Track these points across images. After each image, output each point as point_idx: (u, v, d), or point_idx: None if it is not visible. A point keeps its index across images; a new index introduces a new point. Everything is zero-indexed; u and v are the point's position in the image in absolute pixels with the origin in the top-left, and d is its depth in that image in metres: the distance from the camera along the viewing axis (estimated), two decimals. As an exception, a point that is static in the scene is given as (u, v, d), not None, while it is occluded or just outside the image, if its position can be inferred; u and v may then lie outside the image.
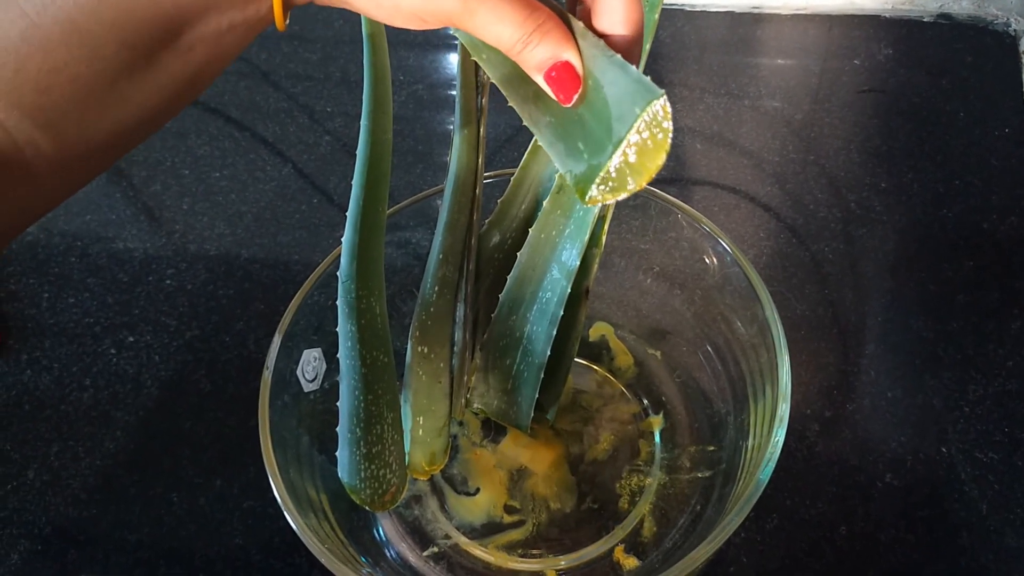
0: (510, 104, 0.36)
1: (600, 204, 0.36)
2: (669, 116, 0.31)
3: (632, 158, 0.32)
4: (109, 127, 0.31)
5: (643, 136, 0.31)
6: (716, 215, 0.70)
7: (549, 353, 0.50)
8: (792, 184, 0.72)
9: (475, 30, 0.31)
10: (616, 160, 0.32)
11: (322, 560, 0.40)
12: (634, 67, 0.31)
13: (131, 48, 0.29)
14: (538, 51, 0.31)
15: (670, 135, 0.31)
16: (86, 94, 0.29)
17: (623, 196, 0.33)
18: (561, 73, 0.31)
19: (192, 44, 0.31)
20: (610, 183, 0.33)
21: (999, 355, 0.59)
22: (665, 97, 0.30)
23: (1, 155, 0.29)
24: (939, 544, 0.50)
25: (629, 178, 0.32)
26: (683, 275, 0.55)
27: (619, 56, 0.31)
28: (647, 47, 0.43)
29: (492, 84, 0.51)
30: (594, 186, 0.33)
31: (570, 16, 0.33)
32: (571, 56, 0.31)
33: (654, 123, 0.31)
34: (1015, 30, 0.84)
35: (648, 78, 0.31)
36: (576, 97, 0.32)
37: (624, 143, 0.31)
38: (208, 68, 0.32)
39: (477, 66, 0.50)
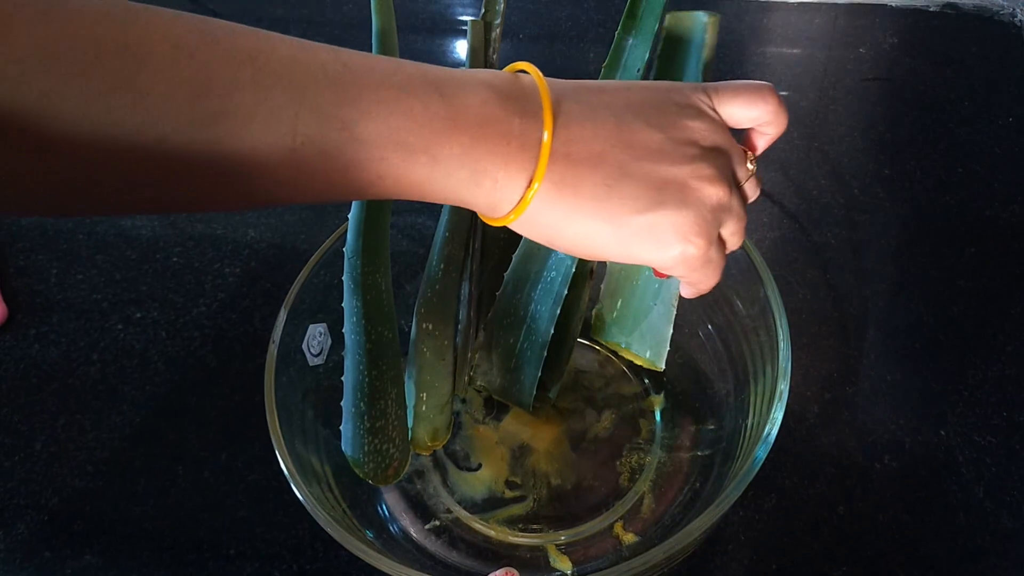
0: None
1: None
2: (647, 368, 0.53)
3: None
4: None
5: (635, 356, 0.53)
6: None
7: (552, 332, 0.50)
8: (796, 171, 0.73)
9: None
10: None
11: (328, 529, 0.41)
12: (671, 328, 0.50)
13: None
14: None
15: (632, 376, 0.56)
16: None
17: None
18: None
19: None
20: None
21: (998, 340, 0.59)
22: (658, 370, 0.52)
23: None
24: (936, 525, 0.51)
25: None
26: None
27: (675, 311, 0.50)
28: (657, 27, 0.48)
29: (501, 63, 0.52)
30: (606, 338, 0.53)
31: None
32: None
33: (645, 363, 0.52)
34: (1020, 20, 0.85)
35: (668, 348, 0.51)
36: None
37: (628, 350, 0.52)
38: None
39: (487, 46, 0.50)
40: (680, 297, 0.55)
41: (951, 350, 0.59)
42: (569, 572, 0.49)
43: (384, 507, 0.51)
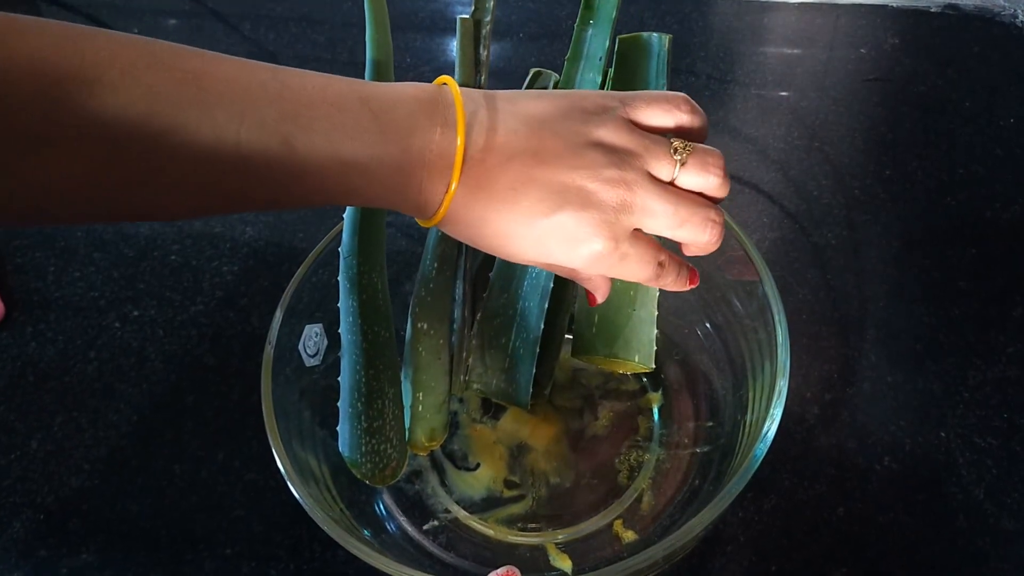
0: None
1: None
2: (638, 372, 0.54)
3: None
4: None
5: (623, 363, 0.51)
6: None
7: (543, 327, 0.50)
8: (796, 171, 0.73)
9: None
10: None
11: (325, 528, 0.40)
12: (655, 329, 0.50)
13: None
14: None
15: (631, 375, 0.57)
16: None
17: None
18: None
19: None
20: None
21: (1000, 342, 0.59)
22: (649, 370, 0.51)
23: None
24: (936, 527, 0.51)
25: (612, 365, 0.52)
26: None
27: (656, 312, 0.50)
28: (614, 15, 0.50)
29: (492, 64, 0.52)
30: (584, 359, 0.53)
31: None
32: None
33: (634, 367, 0.51)
34: (1022, 21, 0.84)
35: (655, 349, 0.50)
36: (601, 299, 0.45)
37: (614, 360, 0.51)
38: None
39: (477, 44, 0.50)
40: (680, 294, 0.55)
41: (952, 351, 0.59)
42: (569, 571, 0.48)
43: (382, 507, 0.51)
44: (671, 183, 0.38)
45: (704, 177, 0.38)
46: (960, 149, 0.73)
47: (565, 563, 0.49)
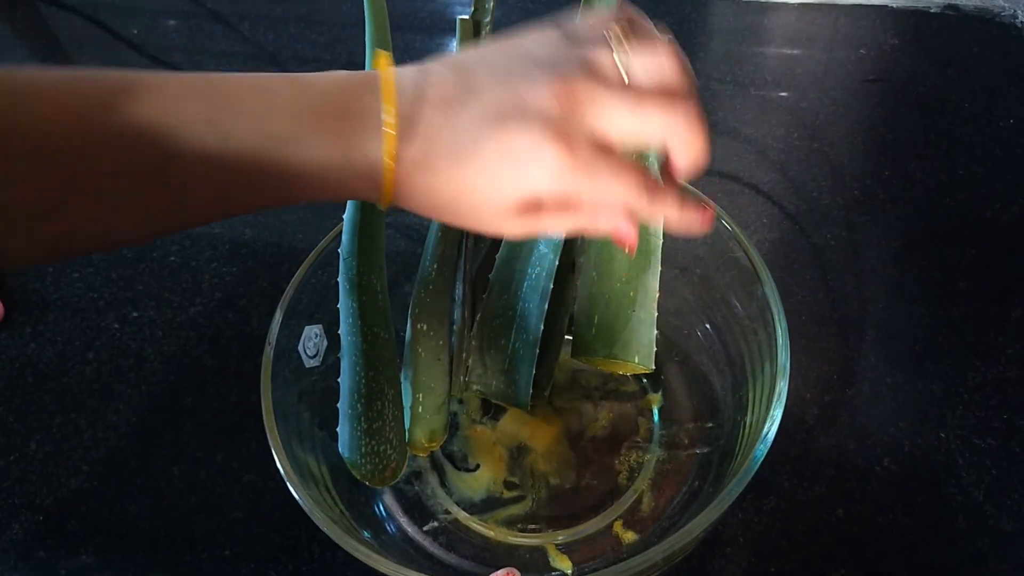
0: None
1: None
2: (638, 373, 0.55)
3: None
4: None
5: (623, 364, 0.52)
6: (719, 201, 0.69)
7: (542, 328, 0.50)
8: (796, 172, 0.72)
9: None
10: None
11: (325, 529, 0.40)
12: (654, 330, 0.51)
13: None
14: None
15: (630, 376, 0.56)
16: None
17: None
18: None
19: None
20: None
21: (999, 342, 0.59)
22: (649, 371, 0.52)
23: None
24: (935, 528, 0.51)
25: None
26: (683, 256, 0.55)
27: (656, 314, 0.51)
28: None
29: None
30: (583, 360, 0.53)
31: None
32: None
33: (634, 368, 0.52)
34: (1022, 22, 0.84)
35: (655, 350, 0.51)
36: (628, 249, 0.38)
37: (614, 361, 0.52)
38: None
39: (477, 39, 0.50)
40: (680, 295, 0.55)
41: (951, 352, 0.59)
42: (569, 572, 0.48)
43: (382, 508, 0.51)
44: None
45: (653, 55, 0.34)
46: (960, 149, 0.73)
47: (565, 564, 0.49)
